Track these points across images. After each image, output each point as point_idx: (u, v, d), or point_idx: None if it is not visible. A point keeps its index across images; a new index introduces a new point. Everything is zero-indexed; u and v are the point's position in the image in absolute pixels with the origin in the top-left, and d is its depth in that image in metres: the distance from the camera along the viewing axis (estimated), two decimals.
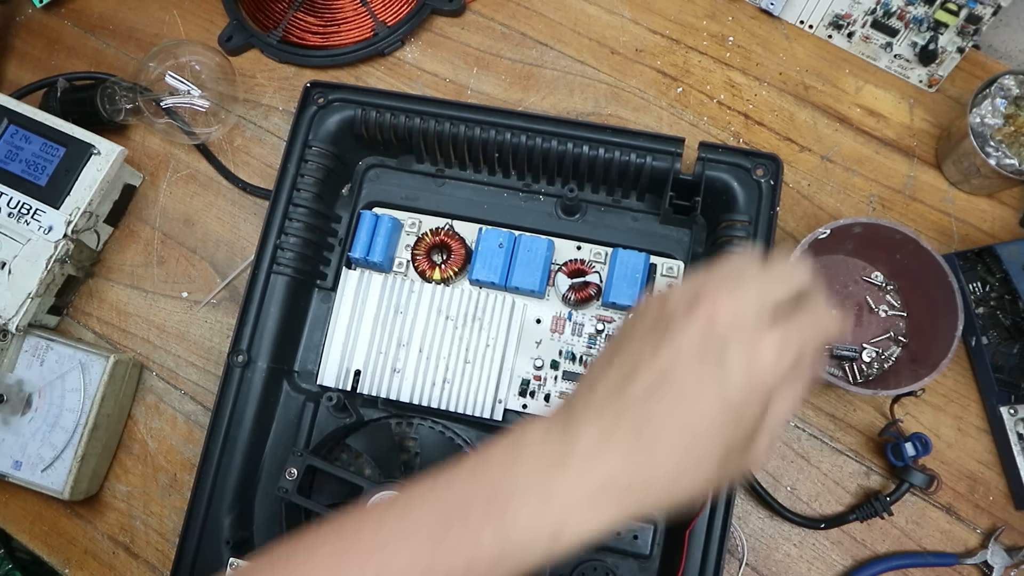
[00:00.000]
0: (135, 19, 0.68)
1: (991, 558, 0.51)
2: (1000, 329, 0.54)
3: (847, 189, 0.59)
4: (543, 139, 0.54)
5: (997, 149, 0.54)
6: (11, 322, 0.55)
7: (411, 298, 0.56)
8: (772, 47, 0.63)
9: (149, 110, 0.61)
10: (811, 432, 0.55)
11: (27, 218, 0.57)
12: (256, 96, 0.65)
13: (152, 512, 0.57)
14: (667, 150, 0.53)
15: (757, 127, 0.61)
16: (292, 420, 0.54)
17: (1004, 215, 0.58)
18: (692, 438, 0.29)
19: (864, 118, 0.61)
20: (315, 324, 0.56)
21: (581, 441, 0.30)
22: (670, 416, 0.29)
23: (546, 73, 0.64)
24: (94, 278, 0.62)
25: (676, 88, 0.63)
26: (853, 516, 0.51)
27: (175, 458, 0.58)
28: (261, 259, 0.54)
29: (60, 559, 0.57)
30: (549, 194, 0.57)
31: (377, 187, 0.59)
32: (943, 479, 0.53)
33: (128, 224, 0.63)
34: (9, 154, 0.57)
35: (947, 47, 0.58)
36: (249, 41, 0.66)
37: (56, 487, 0.54)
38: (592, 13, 0.65)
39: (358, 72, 0.65)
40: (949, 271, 0.49)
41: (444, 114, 0.55)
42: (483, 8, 0.66)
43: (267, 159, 0.64)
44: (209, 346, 0.60)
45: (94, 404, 0.55)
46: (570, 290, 0.54)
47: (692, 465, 0.30)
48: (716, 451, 0.29)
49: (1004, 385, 0.52)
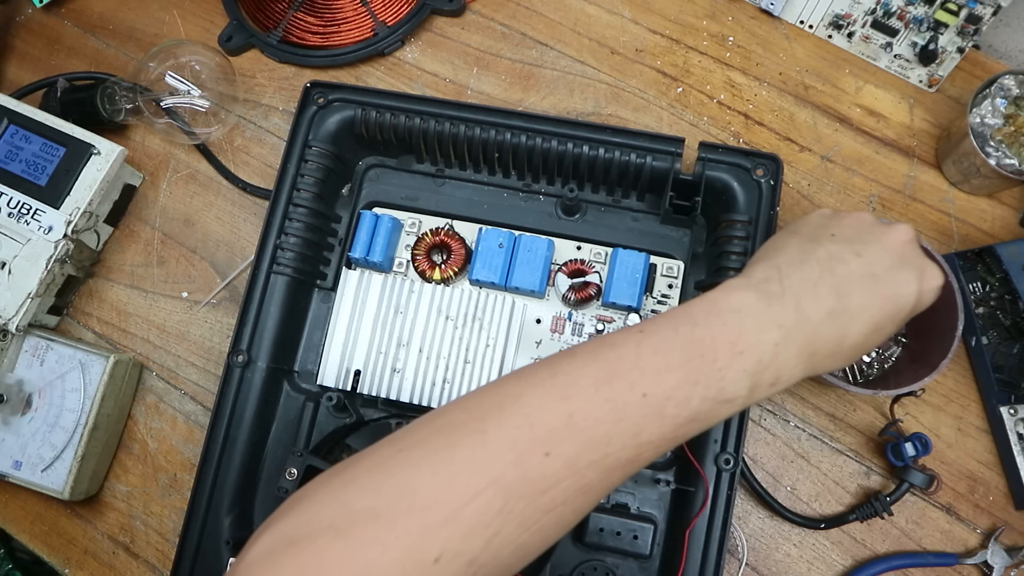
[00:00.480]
0: (135, 19, 0.68)
1: (991, 558, 0.51)
2: (1000, 329, 0.54)
3: (847, 189, 0.59)
4: (543, 139, 0.54)
5: (997, 149, 0.54)
6: (11, 322, 0.55)
7: (411, 298, 0.56)
8: (772, 47, 0.63)
9: (149, 110, 0.61)
10: (811, 432, 0.55)
11: (27, 218, 0.57)
12: (256, 96, 0.65)
13: (152, 512, 0.57)
14: (667, 150, 0.53)
15: (757, 127, 0.61)
16: (292, 420, 0.54)
17: (1004, 215, 0.58)
18: (881, 320, 0.37)
19: (864, 118, 0.61)
20: (315, 324, 0.56)
21: (792, 288, 0.36)
22: (869, 299, 0.36)
23: (546, 73, 0.64)
24: (94, 278, 0.62)
25: (676, 88, 0.63)
26: (853, 516, 0.51)
27: (175, 458, 0.58)
28: (261, 259, 0.54)
29: (60, 559, 0.57)
30: (549, 194, 0.57)
31: (377, 187, 0.59)
32: (943, 479, 0.53)
33: (128, 224, 0.63)
34: (9, 154, 0.57)
35: (947, 47, 0.58)
36: (249, 41, 0.66)
37: (56, 487, 0.54)
38: (592, 13, 0.65)
39: (358, 72, 0.65)
40: (949, 271, 0.49)
41: (444, 114, 0.55)
42: (483, 8, 0.66)
43: (267, 159, 0.64)
44: (209, 346, 0.60)
45: (94, 404, 0.55)
46: (570, 290, 0.54)
47: (868, 343, 0.37)
48: (880, 342, 0.38)
49: (1004, 385, 0.52)
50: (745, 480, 0.53)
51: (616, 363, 0.34)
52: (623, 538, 0.49)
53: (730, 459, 0.48)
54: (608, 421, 0.33)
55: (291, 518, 0.32)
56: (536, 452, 0.32)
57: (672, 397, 0.33)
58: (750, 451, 0.54)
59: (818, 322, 0.35)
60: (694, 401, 0.33)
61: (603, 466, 0.33)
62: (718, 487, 0.48)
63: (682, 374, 0.33)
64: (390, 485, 0.32)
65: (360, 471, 0.33)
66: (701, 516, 0.47)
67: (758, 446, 0.54)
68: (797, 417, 0.55)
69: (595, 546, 0.49)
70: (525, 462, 0.32)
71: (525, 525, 0.32)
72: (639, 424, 0.33)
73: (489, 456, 0.32)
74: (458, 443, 0.32)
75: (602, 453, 0.33)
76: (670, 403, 0.33)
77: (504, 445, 0.32)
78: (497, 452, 0.32)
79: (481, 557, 0.31)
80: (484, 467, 0.31)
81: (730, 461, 0.48)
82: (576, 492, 0.32)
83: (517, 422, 0.32)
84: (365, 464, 0.33)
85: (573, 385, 0.33)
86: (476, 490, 0.31)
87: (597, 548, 0.49)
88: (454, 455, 0.32)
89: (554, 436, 0.32)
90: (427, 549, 0.30)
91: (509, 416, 0.33)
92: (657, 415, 0.33)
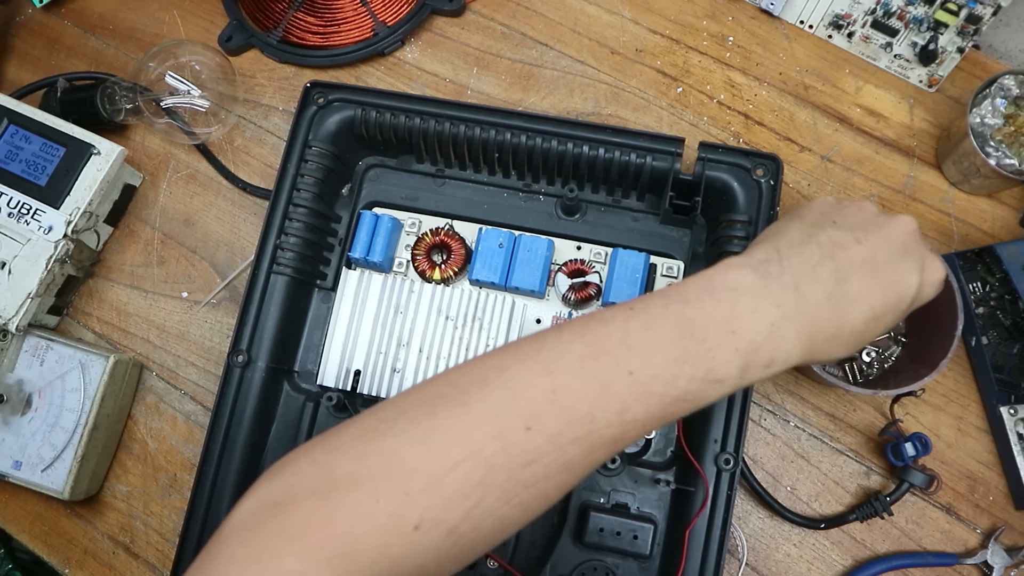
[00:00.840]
0: (135, 19, 0.68)
1: (991, 558, 0.51)
2: (1000, 329, 0.54)
3: (847, 189, 0.59)
4: (543, 139, 0.54)
5: (997, 149, 0.54)
6: (11, 322, 0.55)
7: (411, 298, 0.56)
8: (772, 47, 0.63)
9: (149, 110, 0.61)
10: (811, 432, 0.55)
11: (27, 218, 0.57)
12: (256, 96, 0.65)
13: (152, 512, 0.57)
14: (667, 150, 0.53)
15: (757, 127, 0.61)
16: (292, 420, 0.54)
17: (1004, 215, 0.58)
18: (881, 308, 0.36)
19: (864, 118, 0.61)
20: (315, 324, 0.56)
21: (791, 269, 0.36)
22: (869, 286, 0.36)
23: (546, 73, 0.64)
24: (94, 278, 0.62)
25: (676, 88, 0.63)
26: (853, 516, 0.52)
27: (175, 458, 0.58)
28: (261, 259, 0.54)
29: (60, 559, 0.57)
30: (549, 194, 0.57)
31: (377, 187, 0.59)
32: (943, 479, 0.53)
33: (128, 224, 0.63)
34: (9, 154, 0.57)
35: (947, 47, 0.58)
36: (249, 41, 0.66)
37: (56, 487, 0.54)
38: (592, 13, 0.65)
39: (358, 72, 0.65)
40: (949, 271, 0.49)
41: (444, 114, 0.55)
42: (483, 8, 0.66)
43: (267, 159, 0.64)
44: (209, 346, 0.60)
45: (94, 404, 0.55)
46: (570, 290, 0.54)
47: (868, 331, 0.37)
48: (881, 332, 0.37)
49: (1004, 385, 0.52)
50: (745, 480, 0.53)
51: (603, 339, 0.34)
52: (623, 538, 0.49)
53: (730, 459, 0.48)
54: (592, 398, 0.32)
55: (275, 482, 0.32)
56: (517, 426, 0.32)
57: (659, 376, 0.33)
58: (750, 451, 0.54)
59: (816, 304, 0.35)
60: (682, 380, 0.33)
61: (587, 443, 0.33)
62: (718, 487, 0.48)
63: (670, 352, 0.33)
64: (372, 452, 0.32)
65: (344, 439, 0.33)
66: (701, 516, 0.47)
67: (758, 446, 0.54)
68: (797, 417, 0.55)
69: (595, 546, 0.49)
70: (506, 436, 0.32)
71: (505, 498, 0.32)
72: (625, 402, 0.33)
73: (471, 428, 0.32)
74: (441, 414, 0.32)
75: (586, 430, 0.32)
76: (657, 382, 0.33)
77: (485, 417, 0.32)
78: (478, 424, 0.32)
79: (461, 527, 0.31)
80: (465, 438, 0.32)
81: (730, 461, 0.48)
82: (559, 468, 0.32)
83: (500, 395, 0.33)
84: (348, 432, 0.33)
85: (558, 360, 0.33)
86: (457, 460, 0.31)
87: (597, 548, 0.50)
88: (436, 425, 0.32)
89: (536, 411, 0.32)
90: (407, 516, 0.30)
91: (492, 389, 0.33)
92: (643, 393, 0.33)
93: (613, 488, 0.51)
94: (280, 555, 0.29)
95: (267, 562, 0.29)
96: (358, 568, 0.30)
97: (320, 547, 0.30)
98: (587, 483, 0.51)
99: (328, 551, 0.29)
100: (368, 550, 0.30)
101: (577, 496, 0.51)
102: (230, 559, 0.30)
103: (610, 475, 0.51)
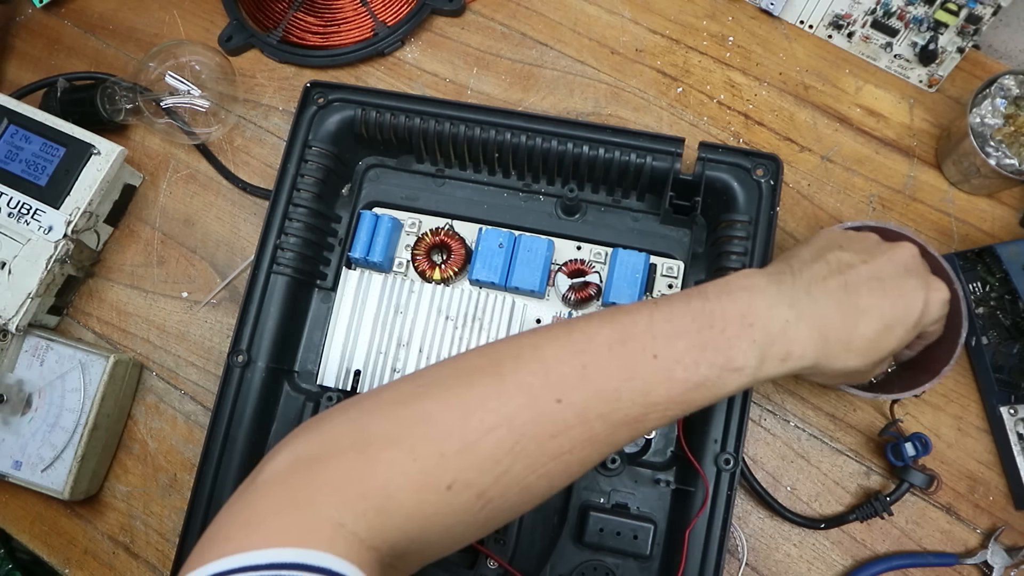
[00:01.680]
0: (135, 19, 0.68)
1: (991, 558, 0.51)
2: (1000, 329, 0.54)
3: (847, 189, 0.59)
4: (543, 139, 0.54)
5: (997, 149, 0.54)
6: (11, 322, 0.55)
7: (411, 298, 0.56)
8: (772, 47, 0.63)
9: (149, 110, 0.61)
10: (811, 432, 0.55)
11: (27, 218, 0.57)
12: (256, 96, 0.65)
13: (152, 512, 0.57)
14: (667, 150, 0.53)
15: (757, 127, 0.61)
16: (292, 420, 0.54)
17: (1004, 215, 0.58)
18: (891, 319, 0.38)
19: (864, 118, 0.61)
20: (315, 324, 0.56)
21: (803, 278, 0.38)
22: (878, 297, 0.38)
23: (546, 73, 0.64)
24: (94, 278, 0.62)
25: (676, 88, 0.63)
26: (853, 516, 0.51)
27: (175, 458, 0.58)
28: (261, 259, 0.54)
29: (60, 559, 0.57)
30: (549, 194, 0.57)
31: (377, 187, 0.59)
32: (943, 479, 0.53)
33: (128, 224, 0.63)
34: (9, 154, 0.57)
35: (947, 47, 0.58)
36: (249, 41, 0.66)
37: (56, 487, 0.54)
38: (592, 13, 0.65)
39: (358, 72, 0.65)
40: (950, 271, 0.49)
41: (444, 114, 0.55)
42: (483, 8, 0.66)
43: (267, 159, 0.64)
44: (209, 346, 0.60)
45: (94, 404, 0.55)
46: (570, 290, 0.54)
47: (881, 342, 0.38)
48: (893, 346, 0.38)
49: (1004, 385, 0.52)
50: (745, 480, 0.53)
51: (630, 327, 0.36)
52: (623, 538, 0.49)
53: (730, 459, 0.48)
54: (619, 378, 0.35)
55: (310, 438, 0.34)
56: (548, 397, 0.34)
57: (681, 361, 0.35)
58: (750, 451, 0.54)
59: (828, 309, 0.37)
60: (703, 367, 0.35)
61: (611, 420, 0.35)
62: (718, 487, 0.48)
63: (692, 340, 0.35)
64: (409, 415, 0.34)
65: (380, 402, 0.35)
66: (701, 516, 0.47)
67: (758, 446, 0.54)
68: (797, 417, 0.55)
69: (595, 546, 0.49)
70: (537, 405, 0.34)
71: (533, 467, 0.34)
72: (648, 383, 0.35)
73: (504, 396, 0.34)
74: (476, 384, 0.35)
75: (611, 407, 0.34)
76: (679, 367, 0.35)
77: (519, 388, 0.34)
78: (512, 393, 0.34)
79: (490, 491, 0.33)
80: (499, 406, 0.34)
81: (730, 461, 0.48)
82: (583, 442, 0.34)
83: (533, 368, 0.35)
84: (383, 397, 0.35)
85: (588, 342, 0.36)
86: (490, 426, 0.33)
87: (597, 548, 0.50)
88: (471, 393, 0.34)
89: (567, 384, 0.34)
90: (441, 476, 0.32)
91: (526, 363, 0.35)
92: (666, 377, 0.35)
93: (613, 488, 0.51)
94: (319, 504, 0.31)
95: (306, 509, 0.31)
96: (392, 523, 0.31)
97: (357, 500, 0.31)
98: (587, 483, 0.51)
99: (364, 504, 0.31)
100: (403, 506, 0.32)
101: (577, 496, 0.51)
102: (267, 507, 0.31)
103: (610, 475, 0.51)
